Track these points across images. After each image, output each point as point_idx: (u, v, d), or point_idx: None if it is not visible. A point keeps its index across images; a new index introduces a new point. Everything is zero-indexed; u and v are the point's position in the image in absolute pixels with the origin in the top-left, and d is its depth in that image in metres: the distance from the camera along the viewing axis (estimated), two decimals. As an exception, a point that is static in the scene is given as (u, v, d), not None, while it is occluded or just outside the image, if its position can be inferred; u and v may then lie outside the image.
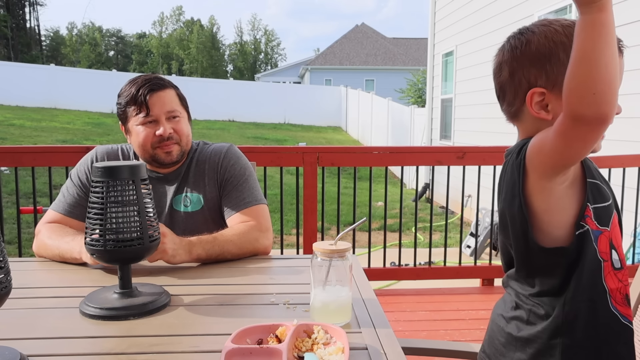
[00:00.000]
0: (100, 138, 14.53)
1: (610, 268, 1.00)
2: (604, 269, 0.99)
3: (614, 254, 1.00)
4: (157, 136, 1.57)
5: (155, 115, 1.58)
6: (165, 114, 1.59)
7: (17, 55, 40.63)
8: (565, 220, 0.98)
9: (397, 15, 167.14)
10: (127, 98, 1.59)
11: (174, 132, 1.60)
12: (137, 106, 1.57)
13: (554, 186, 0.97)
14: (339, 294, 1.03)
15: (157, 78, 1.62)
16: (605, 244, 0.99)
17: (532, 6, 6.09)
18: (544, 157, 0.94)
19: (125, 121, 1.62)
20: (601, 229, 0.99)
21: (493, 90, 1.16)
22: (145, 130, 1.58)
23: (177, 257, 1.37)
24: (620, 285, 1.01)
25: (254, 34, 64.89)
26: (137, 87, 1.58)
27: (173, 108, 1.61)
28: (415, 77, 19.70)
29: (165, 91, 1.60)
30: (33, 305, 1.16)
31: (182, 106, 1.66)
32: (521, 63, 1.01)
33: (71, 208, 1.58)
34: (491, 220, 4.33)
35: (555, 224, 0.99)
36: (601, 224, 0.99)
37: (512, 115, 1.09)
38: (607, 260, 1.00)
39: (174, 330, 1.02)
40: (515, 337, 1.08)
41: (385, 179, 3.28)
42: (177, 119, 1.61)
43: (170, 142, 1.59)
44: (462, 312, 2.95)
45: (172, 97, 1.62)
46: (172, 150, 1.60)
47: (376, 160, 3.18)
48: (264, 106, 22.52)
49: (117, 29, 66.33)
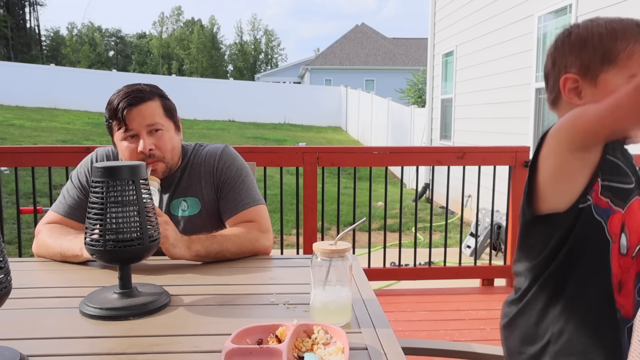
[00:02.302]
0: (100, 138, 14.53)
1: (617, 250, 1.00)
2: (612, 249, 1.00)
3: (622, 238, 1.00)
4: (139, 153, 1.54)
5: (135, 130, 1.53)
6: (146, 128, 1.53)
7: (17, 55, 40.63)
8: (571, 192, 0.99)
9: (397, 16, 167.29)
10: (109, 112, 1.55)
11: (155, 149, 1.54)
12: (117, 121, 1.54)
13: (571, 158, 0.98)
14: (339, 294, 1.03)
15: (137, 90, 1.54)
16: (617, 225, 1.00)
17: (532, 6, 6.09)
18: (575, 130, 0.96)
19: (112, 135, 1.60)
20: (614, 209, 0.99)
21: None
22: (128, 146, 1.55)
23: (177, 248, 1.37)
24: (619, 271, 1.01)
25: (254, 34, 64.93)
26: (118, 100, 1.53)
27: (154, 121, 1.54)
28: (415, 77, 19.69)
29: (146, 104, 1.54)
30: (33, 305, 1.16)
31: (167, 117, 1.59)
32: (561, 52, 1.07)
33: (71, 210, 1.58)
34: (491, 221, 4.33)
35: (559, 193, 1.00)
36: (615, 204, 1.00)
37: (551, 103, 1.12)
38: (616, 242, 1.00)
39: (174, 330, 1.02)
40: (511, 318, 1.10)
41: (385, 179, 3.28)
42: (159, 133, 1.55)
43: (152, 159, 1.55)
44: (462, 312, 2.94)
45: (154, 109, 1.55)
46: (157, 169, 1.57)
47: (376, 160, 3.18)
48: (263, 106, 22.52)
49: (117, 29, 66.48)
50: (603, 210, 0.99)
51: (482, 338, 2.57)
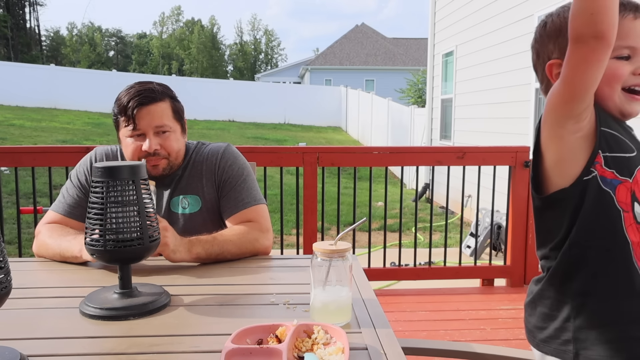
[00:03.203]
0: (100, 138, 14.53)
1: (632, 220, 1.01)
2: (624, 219, 1.00)
3: (636, 207, 1.01)
4: (143, 151, 1.55)
5: (143, 129, 1.54)
6: (153, 128, 1.55)
7: (17, 55, 40.63)
8: (576, 171, 1.02)
9: (397, 16, 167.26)
10: (119, 108, 1.56)
11: (160, 149, 1.56)
12: (125, 118, 1.55)
13: (567, 135, 1.01)
14: (339, 294, 1.03)
15: (149, 90, 1.55)
16: (626, 194, 1.01)
17: (532, 6, 6.09)
18: (556, 97, 1.00)
19: (117, 129, 1.61)
20: (621, 178, 1.01)
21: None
22: (133, 143, 1.56)
23: (178, 253, 1.37)
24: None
25: (254, 34, 64.94)
26: (128, 98, 1.54)
27: (162, 123, 1.56)
28: (415, 77, 19.69)
29: (157, 104, 1.55)
30: (33, 305, 1.16)
31: (175, 119, 1.60)
32: (541, 43, 1.13)
33: (71, 209, 1.58)
34: (491, 221, 4.33)
35: (566, 176, 1.03)
36: (621, 174, 1.01)
37: (545, 91, 1.14)
38: (628, 211, 1.01)
39: (174, 330, 1.02)
40: (534, 296, 1.12)
41: (385, 179, 3.28)
42: (166, 134, 1.57)
43: (156, 157, 1.56)
44: (462, 312, 2.94)
45: (164, 110, 1.57)
46: (159, 165, 1.58)
47: (376, 160, 3.18)
48: (264, 106, 22.52)
49: (117, 29, 66.43)
50: (609, 181, 1.01)
51: (482, 338, 2.57)
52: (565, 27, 1.01)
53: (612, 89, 1.03)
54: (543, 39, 1.12)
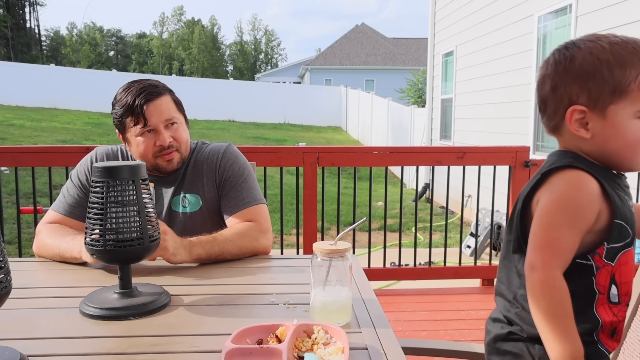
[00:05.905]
0: (100, 138, 14.54)
1: (604, 300, 0.98)
2: (597, 299, 0.98)
3: (612, 289, 0.99)
4: (157, 146, 1.57)
5: (154, 125, 1.55)
6: (164, 122, 1.57)
7: (17, 55, 40.64)
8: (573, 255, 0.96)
9: (398, 16, 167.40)
10: (124, 108, 1.55)
11: (173, 140, 1.59)
12: (134, 117, 1.55)
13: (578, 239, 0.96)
14: (339, 294, 1.03)
15: (151, 86, 1.57)
16: (606, 277, 0.98)
17: (532, 6, 6.09)
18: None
19: (124, 131, 1.60)
20: (606, 262, 0.98)
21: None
22: (145, 140, 1.57)
23: (178, 256, 1.37)
24: (615, 320, 1.00)
25: (255, 34, 64.95)
26: (132, 97, 1.54)
27: (171, 115, 1.58)
28: (415, 77, 19.69)
29: (161, 98, 1.57)
30: (33, 305, 1.16)
31: (179, 111, 1.63)
32: (564, 79, 0.98)
33: (71, 208, 1.58)
34: (491, 221, 4.33)
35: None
36: (607, 259, 0.98)
37: (551, 129, 1.05)
38: (603, 293, 0.98)
39: (174, 330, 1.02)
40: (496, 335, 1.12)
41: (385, 179, 3.28)
42: (175, 126, 1.60)
43: (170, 150, 1.58)
44: (462, 312, 2.95)
45: (168, 103, 1.59)
46: (173, 159, 1.60)
47: (376, 160, 3.18)
48: (264, 106, 22.52)
49: (117, 29, 66.40)
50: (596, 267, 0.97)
51: (482, 338, 2.56)
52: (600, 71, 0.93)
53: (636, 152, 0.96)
54: (567, 76, 0.97)
